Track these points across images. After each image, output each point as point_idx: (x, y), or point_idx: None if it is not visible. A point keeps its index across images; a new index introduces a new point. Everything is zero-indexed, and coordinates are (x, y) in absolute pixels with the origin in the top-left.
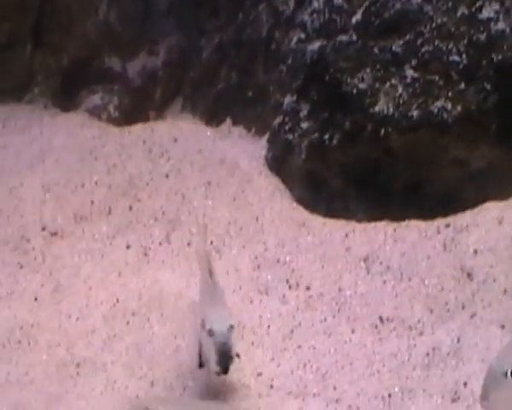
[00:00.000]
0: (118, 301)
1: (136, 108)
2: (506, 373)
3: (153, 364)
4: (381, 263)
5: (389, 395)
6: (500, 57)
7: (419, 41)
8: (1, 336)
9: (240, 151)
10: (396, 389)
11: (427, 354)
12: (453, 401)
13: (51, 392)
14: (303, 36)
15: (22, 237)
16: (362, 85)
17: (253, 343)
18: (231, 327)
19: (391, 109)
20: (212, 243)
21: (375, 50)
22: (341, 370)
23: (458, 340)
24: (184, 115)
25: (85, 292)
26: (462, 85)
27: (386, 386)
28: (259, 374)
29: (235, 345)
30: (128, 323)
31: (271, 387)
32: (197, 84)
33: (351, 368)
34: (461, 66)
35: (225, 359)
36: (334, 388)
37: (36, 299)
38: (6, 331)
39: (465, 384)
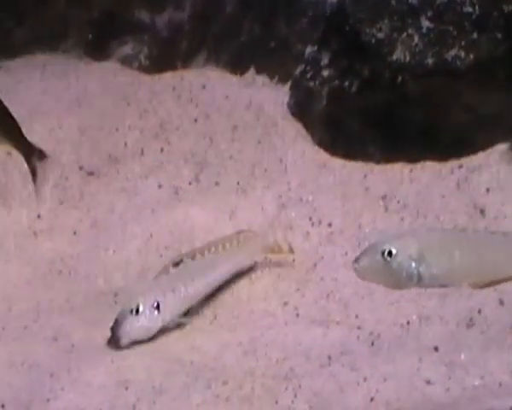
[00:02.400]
0: (151, 235)
1: (165, 57)
2: (383, 252)
3: None
4: (398, 201)
5: (407, 323)
6: (510, 8)
7: None
8: (43, 266)
9: (264, 98)
10: (414, 317)
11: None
12: (468, 327)
13: (91, 318)
14: None
15: (61, 175)
16: (380, 35)
17: (279, 276)
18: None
19: (407, 58)
20: (238, 183)
21: (393, 2)
22: (362, 300)
23: None
24: (209, 66)
25: (121, 227)
26: (475, 35)
27: (404, 314)
28: (286, 304)
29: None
30: (161, 256)
31: (297, 315)
32: (221, 37)
33: (371, 298)
34: (473, 16)
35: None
36: (356, 316)
37: (75, 233)
38: (48, 262)
39: (479, 312)
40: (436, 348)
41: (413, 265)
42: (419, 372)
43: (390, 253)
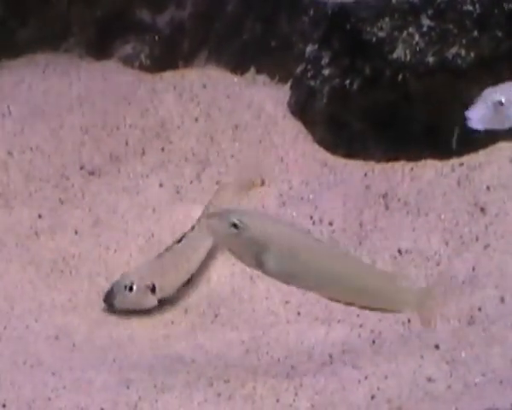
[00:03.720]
0: (153, 234)
1: (166, 57)
2: (232, 223)
3: (187, 293)
4: (399, 200)
5: (409, 320)
6: (511, 6)
7: None
8: (45, 265)
9: (265, 97)
10: (415, 315)
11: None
12: (469, 324)
13: (93, 317)
14: None
15: (62, 175)
16: (381, 34)
17: None
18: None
19: (408, 56)
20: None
21: (394, 1)
22: None
23: (473, 269)
24: (210, 65)
25: (122, 226)
26: (476, 33)
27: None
28: (287, 302)
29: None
30: None
31: (298, 314)
32: (222, 36)
33: None
34: (474, 15)
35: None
36: (358, 315)
37: (76, 232)
38: (50, 261)
39: (480, 309)
40: (437, 346)
41: (255, 248)
42: (420, 370)
43: (235, 225)
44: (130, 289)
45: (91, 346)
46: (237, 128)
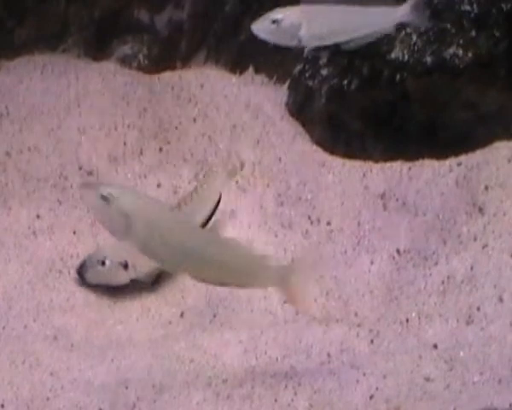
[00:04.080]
0: None
1: (164, 57)
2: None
3: (184, 293)
4: (397, 200)
5: (407, 320)
6: (509, 6)
7: None
8: (43, 265)
9: (263, 97)
10: (413, 315)
11: (443, 282)
12: (467, 323)
13: (91, 318)
14: None
15: (61, 175)
16: None
17: None
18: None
19: (406, 56)
20: (237, 182)
21: None
22: (362, 297)
23: (471, 268)
24: (208, 65)
25: None
26: (473, 33)
27: (404, 312)
28: (285, 302)
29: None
30: None
31: (297, 314)
32: (221, 36)
33: (371, 296)
34: (472, 15)
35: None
36: (356, 314)
37: (75, 232)
38: (48, 262)
39: (478, 309)
40: (435, 346)
41: (123, 219)
42: (419, 369)
43: (105, 197)
44: (103, 263)
45: (90, 346)
46: (235, 128)
